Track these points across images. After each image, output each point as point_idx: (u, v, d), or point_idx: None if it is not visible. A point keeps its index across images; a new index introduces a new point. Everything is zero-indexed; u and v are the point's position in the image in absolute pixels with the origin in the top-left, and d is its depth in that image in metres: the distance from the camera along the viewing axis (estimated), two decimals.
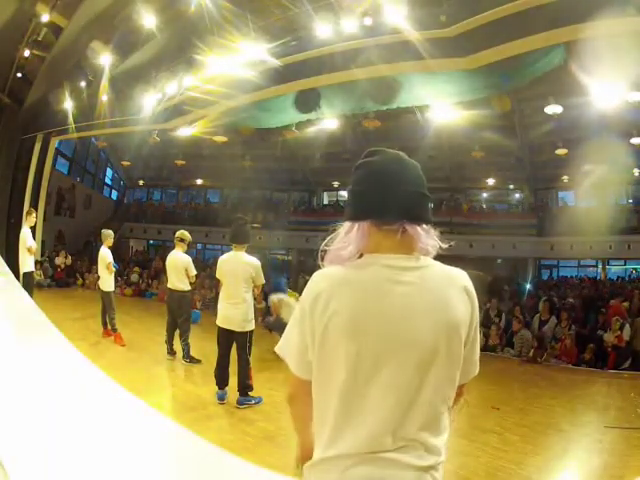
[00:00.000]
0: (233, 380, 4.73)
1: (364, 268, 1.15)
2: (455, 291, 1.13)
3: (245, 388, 4.65)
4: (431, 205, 1.24)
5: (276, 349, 1.25)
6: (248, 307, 4.64)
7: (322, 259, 1.22)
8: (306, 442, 1.25)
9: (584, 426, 4.84)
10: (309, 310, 1.14)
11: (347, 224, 1.21)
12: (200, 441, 3.20)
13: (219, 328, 4.68)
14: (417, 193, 1.18)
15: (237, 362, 4.67)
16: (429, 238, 1.19)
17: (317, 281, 1.17)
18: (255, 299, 4.87)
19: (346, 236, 1.19)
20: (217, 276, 4.84)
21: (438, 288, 1.12)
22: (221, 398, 4.68)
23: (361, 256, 1.18)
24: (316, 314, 1.12)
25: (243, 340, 4.62)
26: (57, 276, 13.19)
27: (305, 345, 1.16)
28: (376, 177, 1.18)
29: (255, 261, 4.71)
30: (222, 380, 4.71)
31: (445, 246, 1.21)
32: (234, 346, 4.72)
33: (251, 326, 4.67)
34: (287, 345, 1.22)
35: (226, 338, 4.67)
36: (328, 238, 1.22)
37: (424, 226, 1.18)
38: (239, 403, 4.59)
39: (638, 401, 5.64)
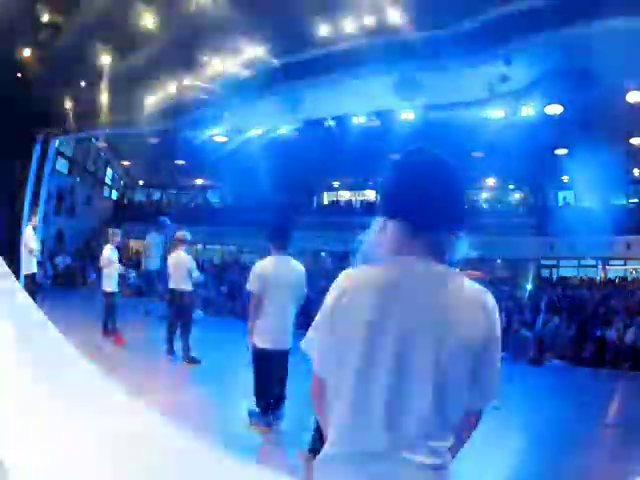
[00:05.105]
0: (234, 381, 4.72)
1: (388, 270, 1.15)
2: (469, 308, 1.11)
3: (284, 399, 4.13)
4: (466, 208, 1.23)
5: (301, 344, 1.26)
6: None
7: (355, 256, 1.22)
8: None
9: (584, 425, 4.84)
10: (331, 310, 1.16)
11: (380, 221, 1.21)
12: (200, 441, 3.21)
13: (264, 351, 3.92)
14: (453, 198, 1.18)
15: (276, 377, 4.05)
16: (459, 244, 1.18)
17: (341, 281, 1.18)
18: None
19: (378, 234, 1.20)
20: (257, 288, 3.92)
21: (450, 302, 1.11)
22: (269, 424, 4.08)
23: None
24: (337, 314, 1.15)
25: (287, 355, 4.03)
26: (57, 276, 13.19)
27: (326, 344, 1.18)
28: (413, 178, 1.17)
29: (302, 267, 4.09)
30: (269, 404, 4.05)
31: (473, 253, 1.20)
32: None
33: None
34: (311, 342, 1.23)
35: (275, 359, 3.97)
36: (362, 235, 1.22)
37: (456, 232, 1.18)
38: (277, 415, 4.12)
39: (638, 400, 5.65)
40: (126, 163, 20.01)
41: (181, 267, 6.24)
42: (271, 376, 4.03)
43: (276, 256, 3.97)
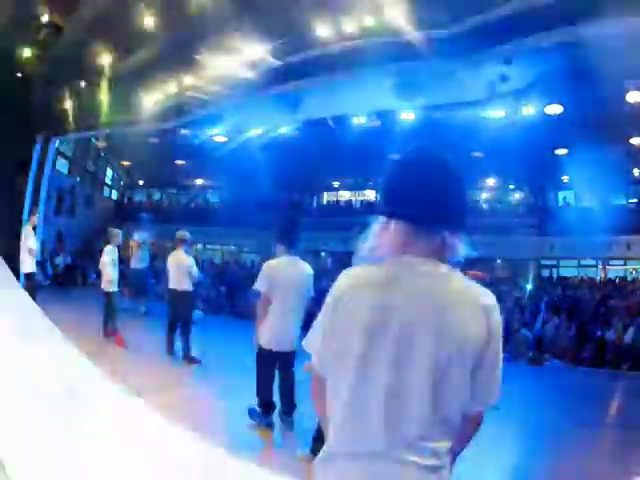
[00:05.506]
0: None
1: (388, 270, 1.14)
2: (469, 309, 1.10)
3: (294, 407, 4.11)
4: (467, 208, 1.21)
5: (303, 343, 1.26)
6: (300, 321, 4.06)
7: (355, 255, 1.22)
8: None
9: (584, 425, 4.84)
10: (331, 309, 1.17)
11: (381, 220, 1.20)
12: (201, 441, 3.21)
13: (269, 352, 3.91)
14: (454, 197, 1.17)
15: (284, 381, 4.10)
16: (460, 244, 1.18)
17: (341, 281, 1.19)
18: None
19: (378, 234, 1.19)
20: (266, 288, 3.89)
21: (451, 302, 1.11)
22: (270, 424, 4.10)
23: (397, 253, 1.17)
24: (337, 314, 1.15)
25: (292, 357, 4.03)
26: (57, 276, 13.19)
27: (326, 344, 1.18)
28: (413, 178, 1.17)
29: (310, 269, 4.08)
30: (271, 404, 4.11)
31: (473, 253, 1.20)
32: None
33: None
34: (312, 341, 1.23)
35: (280, 360, 4.00)
36: (362, 235, 1.21)
37: (457, 231, 1.17)
38: (288, 422, 4.09)
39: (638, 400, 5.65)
40: (126, 163, 20.03)
41: (181, 267, 6.24)
42: (274, 377, 4.05)
43: (285, 257, 3.96)
